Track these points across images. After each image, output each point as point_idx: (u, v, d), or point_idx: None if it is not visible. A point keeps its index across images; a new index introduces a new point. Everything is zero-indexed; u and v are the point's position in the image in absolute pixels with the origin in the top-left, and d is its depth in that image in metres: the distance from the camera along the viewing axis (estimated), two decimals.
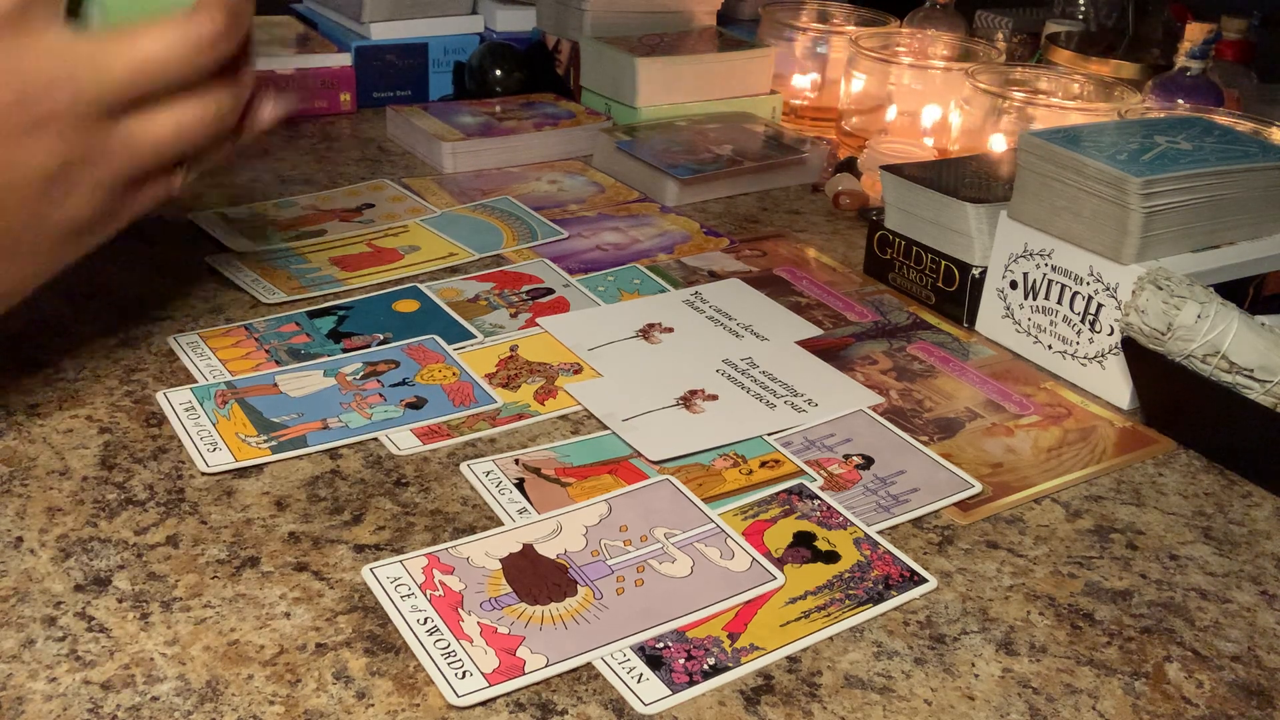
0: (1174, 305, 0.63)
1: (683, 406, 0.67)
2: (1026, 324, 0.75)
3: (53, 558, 0.52)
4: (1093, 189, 0.69)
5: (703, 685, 0.47)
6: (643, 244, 0.89)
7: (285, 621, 0.49)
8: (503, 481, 0.59)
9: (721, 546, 0.54)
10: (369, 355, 0.70)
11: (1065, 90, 1.05)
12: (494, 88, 1.19)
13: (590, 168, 1.06)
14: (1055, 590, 0.54)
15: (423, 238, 0.87)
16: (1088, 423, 0.68)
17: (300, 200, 0.94)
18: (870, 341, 0.76)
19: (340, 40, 1.21)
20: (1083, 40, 1.24)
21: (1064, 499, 0.61)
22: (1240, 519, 0.61)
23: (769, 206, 1.00)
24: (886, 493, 0.60)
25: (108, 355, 0.69)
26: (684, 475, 0.60)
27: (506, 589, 0.51)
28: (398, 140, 1.10)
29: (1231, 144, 0.74)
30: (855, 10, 1.31)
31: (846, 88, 1.16)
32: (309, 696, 0.45)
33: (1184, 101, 1.01)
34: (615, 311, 0.78)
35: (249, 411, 0.63)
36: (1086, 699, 0.48)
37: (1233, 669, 0.50)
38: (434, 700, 0.45)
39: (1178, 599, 0.54)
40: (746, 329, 0.76)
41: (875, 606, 0.52)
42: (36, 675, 0.45)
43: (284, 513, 0.56)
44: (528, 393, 0.68)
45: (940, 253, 0.80)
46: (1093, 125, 0.78)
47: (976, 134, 1.02)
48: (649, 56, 1.11)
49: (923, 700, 0.47)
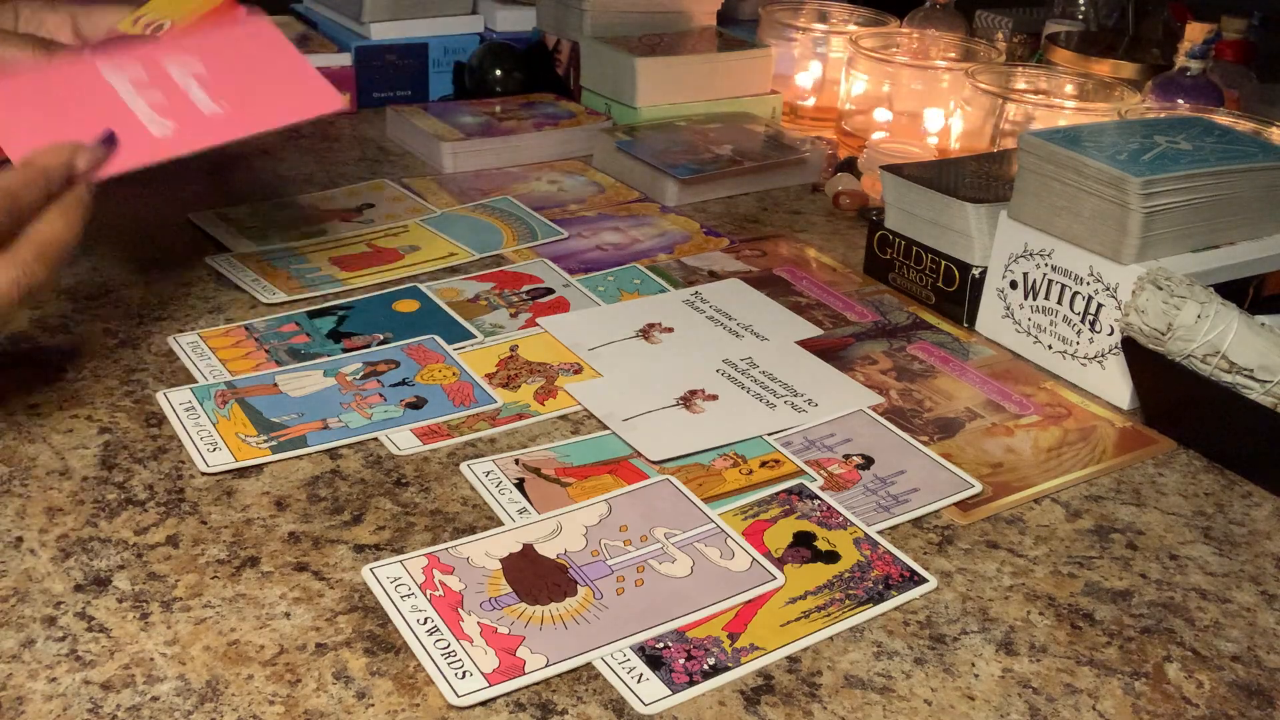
0: (1174, 305, 0.63)
1: (683, 406, 0.67)
2: (1026, 324, 0.75)
3: (53, 558, 0.52)
4: (1093, 189, 0.69)
5: (703, 685, 0.47)
6: (643, 244, 0.89)
7: (285, 621, 0.49)
8: (503, 481, 0.59)
9: (721, 546, 0.54)
10: (369, 355, 0.70)
11: (1065, 90, 1.05)
12: (494, 88, 1.19)
13: (590, 168, 1.06)
14: (1055, 590, 0.54)
15: (423, 238, 0.87)
16: (1088, 423, 0.68)
17: (300, 200, 0.94)
18: (870, 341, 0.76)
19: (340, 40, 1.21)
20: (1083, 40, 1.24)
21: (1064, 499, 0.61)
22: (1240, 519, 0.61)
23: (769, 206, 1.00)
24: (886, 493, 0.60)
25: (108, 355, 0.69)
26: (684, 475, 0.60)
27: (506, 589, 0.51)
28: (398, 140, 1.10)
29: (1231, 144, 0.74)
30: (855, 10, 1.31)
31: (846, 88, 1.16)
32: (309, 696, 0.45)
33: (1184, 101, 1.01)
34: (615, 311, 0.78)
35: (249, 411, 0.63)
36: (1086, 699, 0.48)
37: (1233, 669, 0.50)
38: (434, 700, 0.45)
39: (1178, 599, 0.54)
40: (746, 329, 0.76)
41: (875, 606, 0.52)
42: (36, 675, 0.45)
43: (284, 513, 0.56)
44: (528, 393, 0.68)
45: (940, 253, 0.80)
46: (1093, 125, 0.78)
47: (976, 134, 1.02)
48: (649, 56, 1.11)
49: (923, 700, 0.47)
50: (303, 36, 1.22)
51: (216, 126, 0.64)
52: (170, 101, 0.64)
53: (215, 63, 0.66)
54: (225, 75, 0.66)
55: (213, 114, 0.64)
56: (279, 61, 0.69)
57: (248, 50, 0.68)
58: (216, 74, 0.66)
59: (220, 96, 0.64)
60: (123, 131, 0.61)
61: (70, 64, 0.64)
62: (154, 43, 0.68)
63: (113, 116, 0.62)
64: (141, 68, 0.65)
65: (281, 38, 0.70)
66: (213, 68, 0.66)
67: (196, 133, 0.63)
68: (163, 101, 0.63)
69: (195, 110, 0.64)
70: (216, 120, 0.64)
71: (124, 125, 0.61)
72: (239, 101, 0.65)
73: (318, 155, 1.05)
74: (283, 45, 0.69)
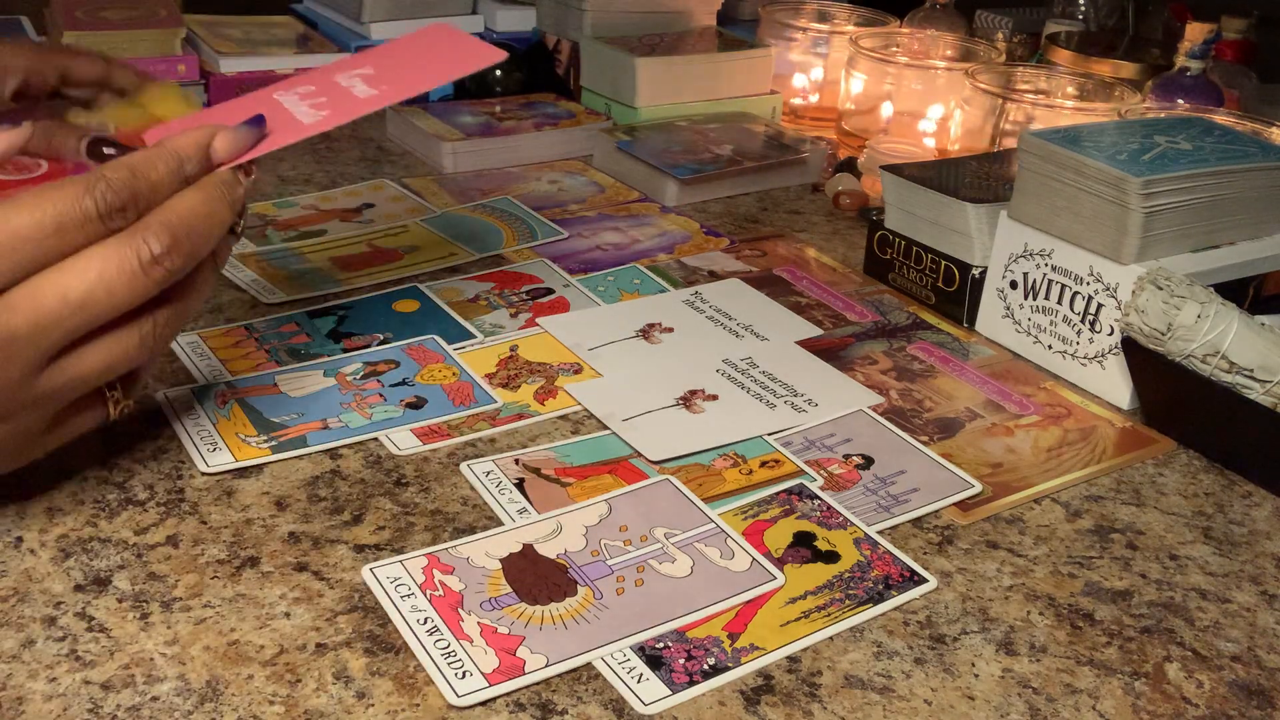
0: (1174, 305, 0.63)
1: (683, 406, 0.67)
2: (1026, 324, 0.75)
3: (53, 558, 0.52)
4: (1093, 189, 0.69)
5: (703, 685, 0.47)
6: (643, 244, 0.89)
7: (285, 621, 0.49)
8: (503, 481, 0.59)
9: (721, 546, 0.54)
10: (369, 355, 0.70)
11: (1065, 90, 1.05)
12: (494, 88, 1.19)
13: (590, 168, 1.06)
14: (1055, 590, 0.54)
15: (423, 238, 0.87)
16: (1088, 423, 0.68)
17: (300, 200, 0.94)
18: (870, 341, 0.76)
19: (340, 40, 1.21)
20: (1083, 40, 1.24)
21: (1064, 499, 0.61)
22: (1240, 519, 0.61)
23: (769, 206, 1.00)
24: (886, 493, 0.60)
25: None
26: (684, 475, 0.60)
27: (506, 589, 0.51)
28: (398, 140, 1.10)
29: (1231, 144, 0.74)
30: (855, 10, 1.31)
31: (846, 88, 1.16)
32: (309, 696, 0.45)
33: (1184, 101, 1.01)
34: (615, 311, 0.78)
35: (249, 411, 0.63)
36: (1086, 699, 0.48)
37: (1233, 669, 0.50)
38: (434, 700, 0.45)
39: (1178, 599, 0.54)
40: (746, 329, 0.76)
41: (875, 606, 0.52)
42: (36, 675, 0.45)
43: (284, 513, 0.56)
44: (528, 393, 0.68)
45: (940, 253, 0.80)
46: (1093, 125, 0.78)
47: (976, 134, 1.02)
48: (649, 56, 1.11)
49: (923, 700, 0.47)
50: (303, 36, 1.22)
51: (370, 101, 0.59)
52: (329, 97, 0.60)
53: (384, 61, 0.63)
54: (389, 66, 0.62)
55: (368, 96, 0.60)
56: (440, 40, 0.64)
57: (417, 43, 0.65)
58: (382, 68, 0.62)
59: (380, 83, 0.60)
60: (272, 119, 0.55)
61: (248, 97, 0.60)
62: (332, 63, 0.65)
63: (266, 109, 0.57)
64: (313, 84, 0.61)
65: (466, 35, 0.65)
66: (380, 65, 0.63)
67: (348, 109, 0.58)
68: (322, 99, 0.59)
69: (350, 97, 0.60)
70: (370, 99, 0.60)
71: (273, 115, 0.56)
72: (395, 78, 0.61)
73: (318, 155, 1.05)
74: (449, 30, 0.65)
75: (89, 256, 0.45)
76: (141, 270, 0.46)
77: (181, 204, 0.48)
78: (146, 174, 0.47)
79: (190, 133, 0.50)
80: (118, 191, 0.46)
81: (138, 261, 0.46)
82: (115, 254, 0.46)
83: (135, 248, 0.46)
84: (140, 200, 0.47)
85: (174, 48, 1.08)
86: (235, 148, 0.51)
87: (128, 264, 0.46)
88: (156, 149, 0.48)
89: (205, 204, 0.49)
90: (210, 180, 0.50)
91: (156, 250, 0.46)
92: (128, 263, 0.46)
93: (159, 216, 0.47)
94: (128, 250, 0.46)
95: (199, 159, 0.50)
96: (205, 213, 0.49)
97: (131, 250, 0.46)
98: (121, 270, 0.46)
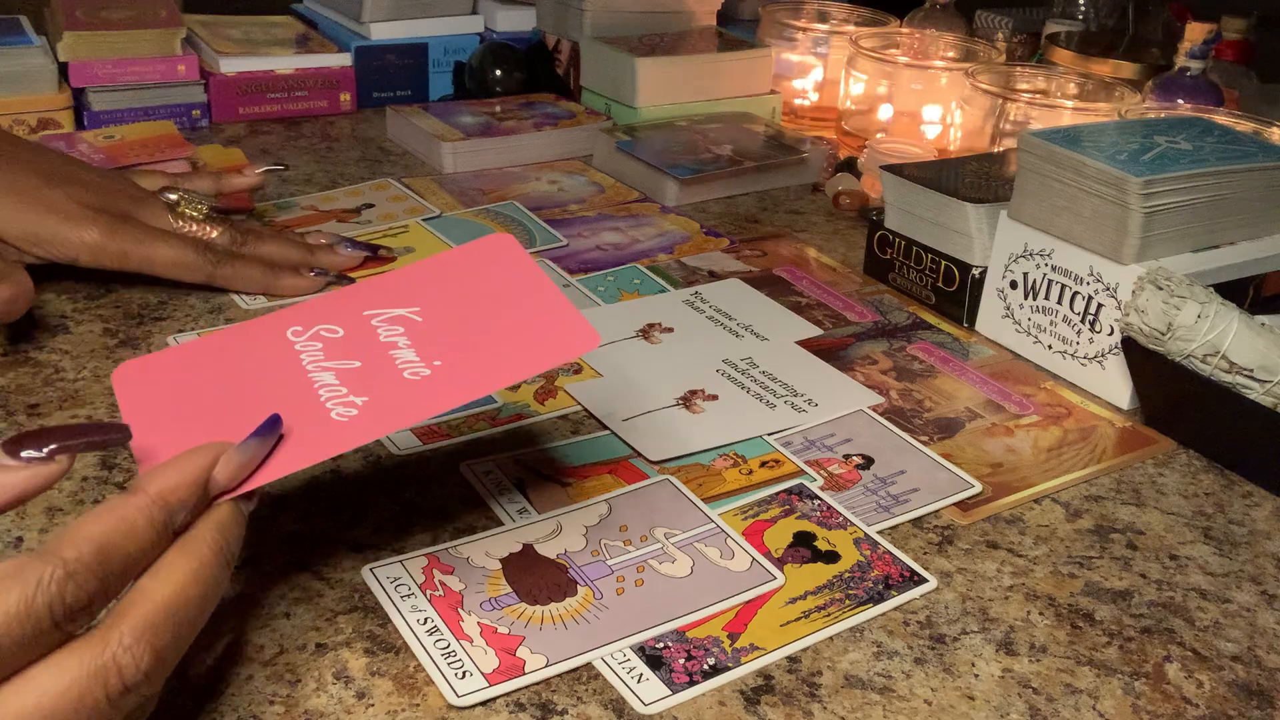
0: (1174, 305, 0.63)
1: (683, 406, 0.67)
2: (1026, 324, 0.75)
3: None
4: (1093, 189, 0.69)
5: (703, 685, 0.47)
6: (643, 244, 0.89)
7: (285, 621, 0.49)
8: (503, 481, 0.59)
9: (721, 546, 0.54)
10: None
11: (1065, 90, 1.05)
12: (494, 88, 1.19)
13: (590, 168, 1.06)
14: (1055, 590, 0.54)
15: (422, 238, 0.87)
16: (1088, 423, 0.68)
17: (300, 200, 0.94)
18: (870, 341, 0.76)
19: (340, 40, 1.21)
20: (1083, 40, 1.24)
21: (1064, 499, 0.61)
22: (1240, 519, 0.61)
23: (769, 206, 1.00)
24: (886, 493, 0.60)
25: (108, 355, 0.69)
26: (684, 475, 0.60)
27: (506, 589, 0.51)
28: (398, 140, 1.10)
29: (1231, 144, 0.74)
30: (855, 10, 1.31)
31: (846, 88, 1.16)
32: (309, 696, 0.45)
33: (1184, 101, 1.01)
34: (615, 311, 0.78)
35: None
36: (1086, 699, 0.48)
37: (1233, 669, 0.50)
38: (434, 700, 0.45)
39: (1178, 599, 0.54)
40: (746, 329, 0.76)
41: (875, 606, 0.52)
42: None
43: (284, 512, 0.56)
44: (528, 393, 0.68)
45: (940, 253, 0.80)
46: (1093, 125, 0.78)
47: (976, 134, 1.02)
48: (649, 56, 1.11)
49: (923, 700, 0.47)
50: (303, 36, 1.22)
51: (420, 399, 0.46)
52: (364, 360, 0.48)
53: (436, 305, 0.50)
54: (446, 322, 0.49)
55: (417, 379, 0.47)
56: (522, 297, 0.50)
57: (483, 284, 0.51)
58: (434, 320, 0.49)
59: (434, 356, 0.47)
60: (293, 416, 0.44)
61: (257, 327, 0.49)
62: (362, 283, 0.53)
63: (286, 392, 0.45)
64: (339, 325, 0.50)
65: (529, 260, 0.52)
66: (431, 312, 0.49)
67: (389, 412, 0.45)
68: (353, 365, 0.47)
69: (396, 377, 0.47)
70: (421, 388, 0.46)
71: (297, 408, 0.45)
72: (458, 359, 0.47)
73: (318, 155, 1.05)
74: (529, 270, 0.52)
75: (36, 681, 0.33)
76: (108, 702, 0.34)
77: (167, 590, 0.36)
78: (123, 548, 0.36)
79: (188, 465, 0.39)
80: (81, 584, 0.34)
81: (104, 693, 0.34)
82: (74, 683, 0.33)
83: (103, 677, 0.34)
84: (110, 588, 0.35)
85: (174, 48, 1.08)
86: (240, 473, 0.41)
87: (89, 697, 0.33)
88: (140, 498, 0.37)
89: (197, 584, 0.37)
90: (205, 543, 0.39)
91: (130, 677, 0.34)
92: (89, 695, 0.33)
93: (136, 620, 0.35)
94: (92, 682, 0.33)
95: (193, 501, 0.39)
96: (198, 596, 0.37)
97: (98, 681, 0.34)
98: (81, 707, 0.33)
